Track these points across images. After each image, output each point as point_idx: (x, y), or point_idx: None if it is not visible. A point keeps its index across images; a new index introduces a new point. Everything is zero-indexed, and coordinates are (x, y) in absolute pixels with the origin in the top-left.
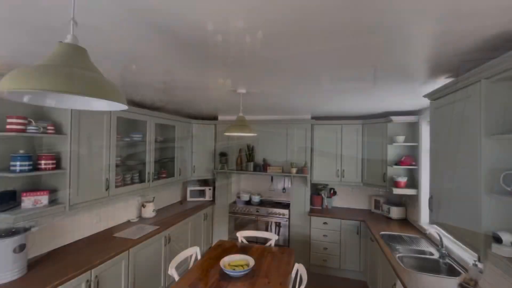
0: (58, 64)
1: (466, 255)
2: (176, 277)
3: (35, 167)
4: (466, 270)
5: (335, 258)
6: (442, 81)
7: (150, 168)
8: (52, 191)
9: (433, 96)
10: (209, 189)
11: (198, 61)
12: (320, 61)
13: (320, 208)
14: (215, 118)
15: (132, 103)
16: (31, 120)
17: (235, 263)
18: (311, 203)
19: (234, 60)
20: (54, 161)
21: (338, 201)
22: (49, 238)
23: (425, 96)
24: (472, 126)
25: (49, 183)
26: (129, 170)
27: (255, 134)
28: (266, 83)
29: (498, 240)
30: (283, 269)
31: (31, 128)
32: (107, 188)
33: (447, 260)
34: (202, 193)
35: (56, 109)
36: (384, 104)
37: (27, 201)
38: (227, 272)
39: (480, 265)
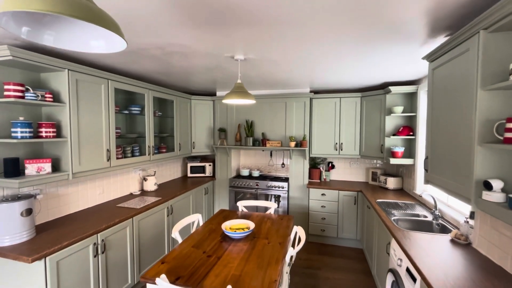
0: None
1: (458, 215)
2: (180, 240)
3: (36, 135)
4: (458, 228)
5: (333, 227)
6: (441, 40)
7: (150, 141)
8: (55, 160)
9: (432, 57)
10: (209, 165)
11: (194, 20)
12: (319, 20)
13: (318, 181)
14: (213, 94)
15: (129, 74)
16: (29, 87)
17: (236, 226)
18: (310, 177)
19: (231, 18)
20: (54, 130)
21: (336, 174)
22: (55, 207)
23: (423, 57)
24: (469, 80)
25: (51, 152)
26: (129, 143)
27: (254, 101)
28: (265, 48)
29: (489, 187)
30: (282, 231)
31: (29, 95)
32: (109, 159)
33: (440, 221)
34: (202, 169)
35: (53, 77)
36: (382, 73)
37: (30, 168)
38: (229, 234)
39: (471, 222)
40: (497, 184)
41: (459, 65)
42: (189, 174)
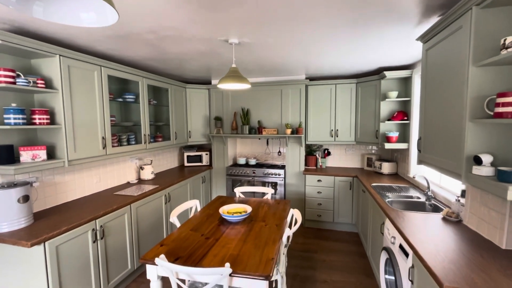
0: None
1: (450, 195)
2: (178, 225)
3: (30, 122)
4: (449, 207)
5: (329, 213)
6: (434, 21)
7: (145, 130)
8: (50, 147)
9: (425, 37)
10: (206, 154)
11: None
12: (312, 1)
13: (314, 168)
14: (208, 82)
15: (122, 61)
16: (20, 73)
17: (233, 210)
18: (306, 164)
19: None
20: (48, 116)
21: (332, 161)
22: (52, 195)
23: (417, 39)
24: (461, 57)
25: (45, 139)
26: (125, 132)
27: (249, 86)
28: (259, 30)
29: (479, 162)
30: (279, 214)
31: (20, 81)
32: (104, 147)
33: (433, 202)
34: (199, 158)
35: (44, 63)
36: (377, 57)
37: (25, 155)
38: (226, 218)
39: (462, 200)
40: (486, 159)
41: (452, 43)
42: (186, 164)
